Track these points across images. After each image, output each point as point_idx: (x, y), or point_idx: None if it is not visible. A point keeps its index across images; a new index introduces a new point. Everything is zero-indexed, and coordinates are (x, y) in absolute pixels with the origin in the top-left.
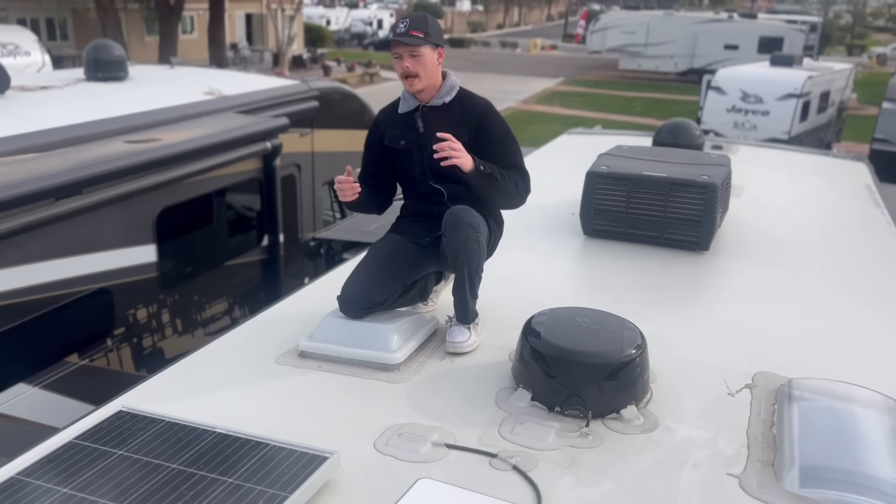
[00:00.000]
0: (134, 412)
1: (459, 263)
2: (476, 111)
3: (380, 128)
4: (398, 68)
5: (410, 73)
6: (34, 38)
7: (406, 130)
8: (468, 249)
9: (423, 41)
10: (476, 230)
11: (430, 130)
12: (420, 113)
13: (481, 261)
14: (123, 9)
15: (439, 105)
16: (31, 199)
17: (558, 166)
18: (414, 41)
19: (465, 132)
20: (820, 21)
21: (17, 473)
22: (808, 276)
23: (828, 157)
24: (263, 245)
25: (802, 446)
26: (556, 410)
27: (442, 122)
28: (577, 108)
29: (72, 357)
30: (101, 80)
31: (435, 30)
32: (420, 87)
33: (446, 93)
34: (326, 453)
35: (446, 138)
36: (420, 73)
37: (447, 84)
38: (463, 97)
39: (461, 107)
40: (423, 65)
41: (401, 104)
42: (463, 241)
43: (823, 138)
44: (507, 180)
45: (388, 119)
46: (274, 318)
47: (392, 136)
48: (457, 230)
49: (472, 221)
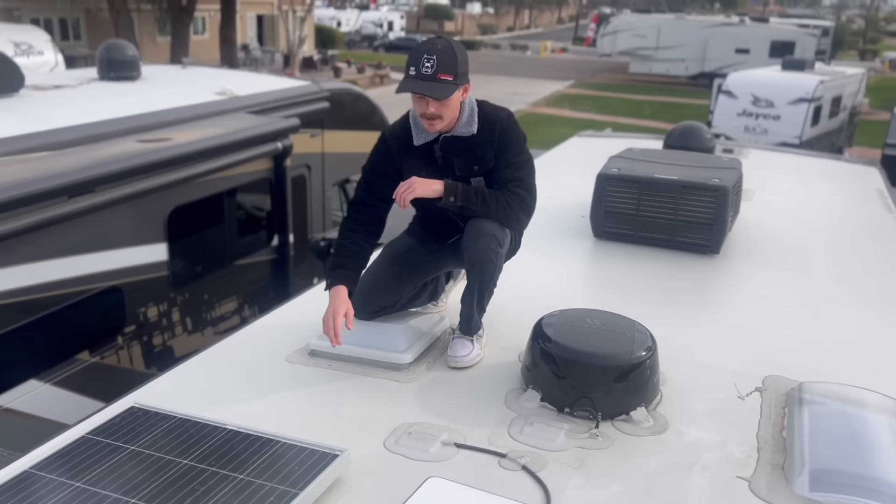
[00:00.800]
0: (146, 408)
1: (474, 273)
2: (496, 132)
3: (394, 156)
4: (418, 107)
5: (434, 116)
6: (47, 38)
7: (425, 162)
8: (485, 260)
9: (454, 86)
10: (498, 242)
11: (449, 160)
12: (439, 144)
13: (496, 275)
14: (136, 9)
15: (464, 135)
16: (44, 196)
17: (568, 169)
18: (444, 92)
19: (490, 156)
20: (832, 25)
21: (30, 467)
22: (820, 280)
23: (839, 161)
24: (273, 245)
25: (813, 450)
26: (565, 412)
27: (462, 149)
28: (586, 111)
29: (83, 354)
30: (113, 79)
31: (464, 66)
32: (441, 127)
33: (467, 122)
34: (336, 451)
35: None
36: (444, 116)
37: (466, 112)
38: (482, 119)
39: (481, 130)
40: (449, 107)
41: (415, 134)
42: (482, 251)
43: (835, 143)
44: (493, 208)
45: (403, 148)
46: (284, 318)
47: (410, 168)
48: (477, 239)
49: (496, 233)
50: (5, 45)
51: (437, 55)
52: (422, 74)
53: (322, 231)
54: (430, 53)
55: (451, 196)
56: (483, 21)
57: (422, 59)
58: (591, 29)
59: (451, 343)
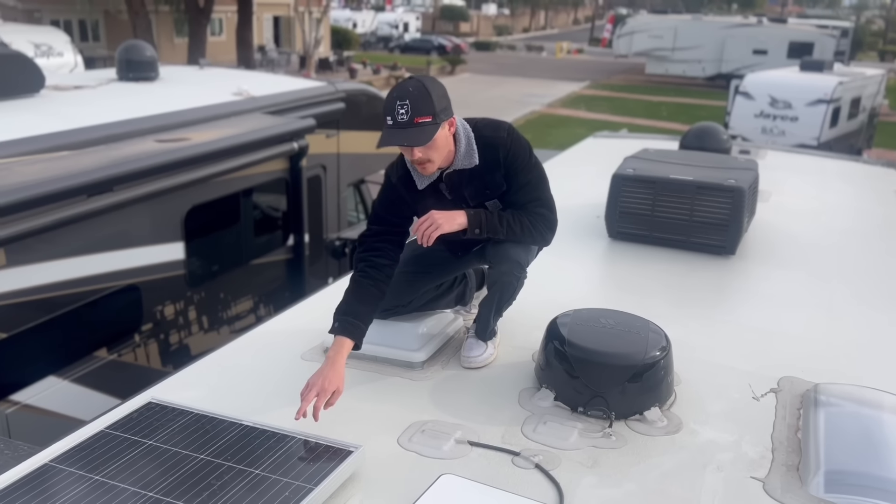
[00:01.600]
0: (163, 404)
1: (495, 290)
2: (500, 154)
3: (404, 198)
4: (406, 155)
5: (423, 161)
6: (67, 40)
7: (436, 200)
8: (506, 284)
9: (435, 126)
10: (521, 266)
11: (458, 192)
12: (444, 181)
13: (516, 292)
14: (154, 11)
15: (466, 168)
16: (63, 195)
17: (583, 169)
18: (424, 137)
19: (499, 179)
20: (852, 26)
21: (50, 460)
22: (836, 282)
23: (858, 162)
24: (289, 244)
25: (828, 451)
26: (579, 411)
27: (469, 178)
28: (602, 112)
29: (101, 352)
30: (132, 80)
31: (441, 102)
32: (434, 169)
33: (466, 154)
34: (351, 447)
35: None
36: (434, 158)
37: (463, 144)
38: (481, 147)
39: (483, 156)
40: (436, 148)
41: (416, 179)
42: (504, 274)
43: (854, 145)
44: (518, 233)
45: (410, 191)
46: (300, 316)
47: (423, 208)
48: (501, 264)
49: (520, 259)
50: (26, 46)
51: (409, 99)
52: (398, 123)
53: (337, 231)
54: (401, 99)
55: (476, 228)
56: (499, 22)
57: (395, 107)
58: (607, 30)
59: (465, 343)
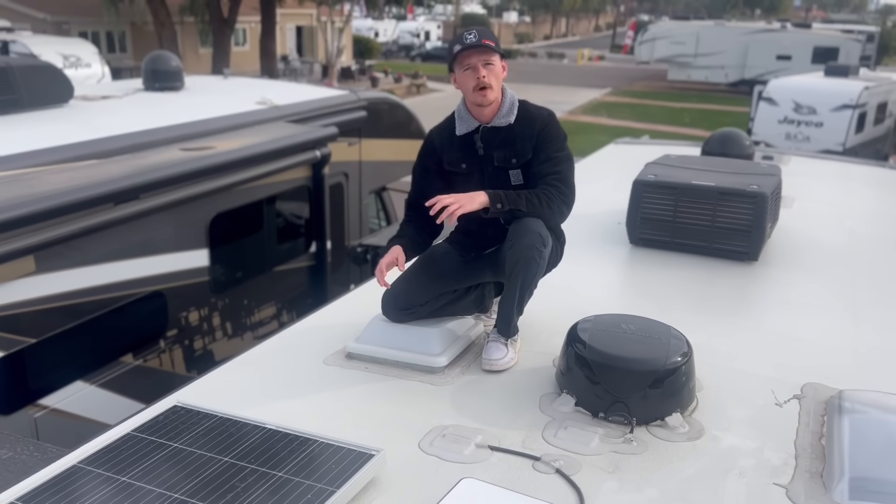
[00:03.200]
0: (188, 407)
1: (516, 272)
2: (536, 127)
3: (436, 150)
4: (470, 80)
5: (486, 84)
6: (95, 51)
7: (466, 153)
8: (529, 259)
9: (496, 50)
10: (543, 241)
11: (489, 152)
12: (480, 134)
13: (538, 275)
14: (179, 22)
15: (502, 125)
16: (91, 203)
17: (605, 175)
18: (489, 49)
19: (528, 149)
20: (877, 31)
21: (78, 462)
22: (860, 288)
23: (883, 168)
24: (311, 251)
25: (853, 458)
26: (599, 416)
27: (502, 141)
28: (624, 118)
29: (126, 357)
30: (158, 90)
31: (498, 41)
32: (493, 97)
33: (507, 112)
34: (373, 451)
35: (431, 203)
36: (493, 85)
37: (507, 102)
38: (522, 114)
39: (521, 124)
40: (496, 75)
41: (458, 125)
42: (527, 248)
43: (880, 150)
44: (536, 205)
45: (445, 141)
46: (322, 321)
47: (451, 160)
48: (523, 237)
49: (541, 232)
50: (55, 57)
51: (476, 30)
52: (467, 44)
53: (359, 237)
54: (469, 31)
55: (497, 203)
56: (519, 30)
57: (463, 35)
58: (628, 36)
59: (486, 346)
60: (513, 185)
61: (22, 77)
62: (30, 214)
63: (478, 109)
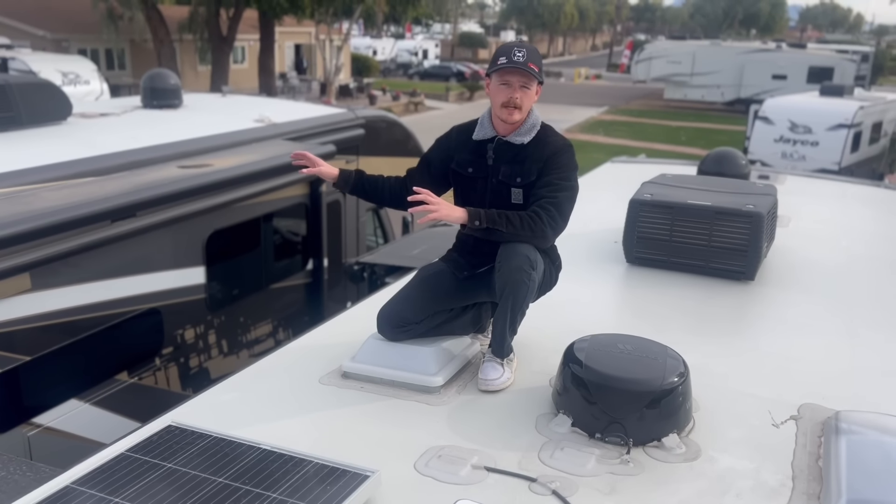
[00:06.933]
0: (183, 427)
1: (506, 294)
2: (547, 152)
3: (451, 146)
4: (503, 95)
5: (517, 105)
6: (94, 68)
7: (476, 158)
8: (517, 281)
9: (538, 77)
10: (531, 265)
11: (498, 164)
12: (494, 144)
13: (528, 298)
14: (178, 39)
15: (516, 143)
16: (88, 220)
17: (601, 194)
18: (532, 75)
19: (534, 172)
20: (872, 50)
21: (72, 482)
22: (857, 308)
23: (879, 188)
24: (308, 269)
25: (850, 480)
26: (596, 437)
27: (512, 158)
28: (621, 137)
29: (121, 375)
30: (156, 107)
31: (542, 67)
32: (518, 119)
33: (525, 132)
34: (368, 472)
35: (419, 192)
36: (523, 107)
37: (528, 122)
38: (540, 137)
39: (535, 146)
40: (529, 99)
41: (477, 129)
42: (514, 271)
43: (876, 170)
44: (517, 226)
45: (462, 141)
46: (318, 340)
47: (461, 161)
48: (511, 259)
49: (530, 255)
50: (54, 74)
51: (526, 49)
52: (514, 62)
53: (356, 255)
54: (520, 48)
55: (475, 220)
56: None
57: (513, 50)
58: (625, 55)
59: (482, 366)
60: (512, 203)
61: (20, 94)
62: (26, 232)
63: (499, 122)
